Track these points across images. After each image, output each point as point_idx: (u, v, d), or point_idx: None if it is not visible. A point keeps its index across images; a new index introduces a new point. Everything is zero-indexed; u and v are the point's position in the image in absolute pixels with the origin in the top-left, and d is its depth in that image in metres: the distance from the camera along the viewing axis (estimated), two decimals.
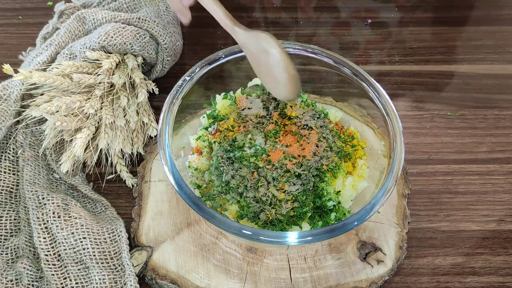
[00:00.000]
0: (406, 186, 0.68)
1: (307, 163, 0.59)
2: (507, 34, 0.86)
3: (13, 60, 0.80)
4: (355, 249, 0.63)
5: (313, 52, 0.66)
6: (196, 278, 0.60)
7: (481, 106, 0.78)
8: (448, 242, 0.66)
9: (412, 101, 0.79)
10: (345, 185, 0.60)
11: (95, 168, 0.70)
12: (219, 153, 0.60)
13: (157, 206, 0.66)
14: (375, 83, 0.63)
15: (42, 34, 0.80)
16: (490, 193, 0.70)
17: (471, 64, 0.83)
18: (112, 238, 0.62)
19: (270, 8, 0.89)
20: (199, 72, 0.64)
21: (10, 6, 0.89)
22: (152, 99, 0.75)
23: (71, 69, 0.68)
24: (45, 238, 0.61)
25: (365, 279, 0.61)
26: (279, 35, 0.85)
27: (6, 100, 0.69)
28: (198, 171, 0.63)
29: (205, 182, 0.62)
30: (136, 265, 0.61)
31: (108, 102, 0.68)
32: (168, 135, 0.59)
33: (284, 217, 0.57)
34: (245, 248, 0.63)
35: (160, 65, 0.76)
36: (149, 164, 0.69)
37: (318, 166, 0.59)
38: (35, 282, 0.60)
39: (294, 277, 0.61)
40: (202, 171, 0.63)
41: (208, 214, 0.54)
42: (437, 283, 0.63)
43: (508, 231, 0.67)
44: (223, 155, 0.60)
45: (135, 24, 0.74)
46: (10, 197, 0.66)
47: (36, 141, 0.70)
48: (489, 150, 0.74)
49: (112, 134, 0.67)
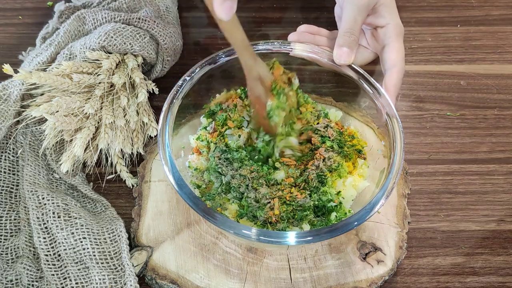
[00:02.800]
0: (406, 186, 0.68)
1: (308, 175, 0.59)
2: (507, 34, 0.86)
3: (13, 60, 0.80)
4: (355, 249, 0.63)
5: (313, 52, 0.66)
6: (196, 278, 0.60)
7: (481, 106, 0.78)
8: (448, 242, 0.66)
9: (412, 101, 0.79)
10: (346, 185, 0.60)
11: (95, 168, 0.70)
12: (216, 154, 0.60)
13: (157, 206, 0.66)
14: (375, 83, 0.63)
15: (42, 34, 0.80)
16: (490, 193, 0.70)
17: (471, 64, 0.83)
18: (112, 238, 0.62)
19: (270, 8, 0.89)
20: (199, 72, 0.64)
21: (10, 6, 0.89)
22: (152, 99, 0.75)
23: (71, 69, 0.68)
24: (45, 238, 0.61)
25: (365, 279, 0.61)
26: (279, 35, 0.86)
27: (6, 100, 0.69)
28: (198, 171, 0.63)
29: (204, 182, 0.62)
30: (136, 265, 0.61)
31: (108, 102, 0.68)
32: (168, 135, 0.59)
33: (283, 219, 0.57)
34: (245, 248, 0.63)
35: (160, 65, 0.76)
36: (149, 164, 0.69)
37: (320, 173, 0.59)
38: (35, 282, 0.60)
39: (294, 277, 0.61)
40: (202, 171, 0.63)
41: (208, 214, 0.54)
42: (437, 283, 0.63)
43: (508, 231, 0.67)
44: (220, 155, 0.60)
45: (135, 24, 0.74)
46: (10, 197, 0.66)
47: (36, 141, 0.70)
48: (489, 150, 0.74)
49: (112, 134, 0.67)
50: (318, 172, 0.60)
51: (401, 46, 0.65)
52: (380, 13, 0.66)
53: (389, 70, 0.64)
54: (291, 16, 0.89)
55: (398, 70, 0.63)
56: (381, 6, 0.66)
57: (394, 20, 0.66)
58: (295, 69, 0.68)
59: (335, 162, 0.60)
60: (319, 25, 0.71)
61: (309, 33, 0.70)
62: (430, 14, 0.89)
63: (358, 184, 0.61)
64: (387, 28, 0.66)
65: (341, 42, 0.63)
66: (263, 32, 0.86)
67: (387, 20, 0.66)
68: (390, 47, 0.65)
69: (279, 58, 0.67)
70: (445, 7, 0.90)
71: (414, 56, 0.84)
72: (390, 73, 0.63)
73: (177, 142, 0.64)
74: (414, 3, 0.90)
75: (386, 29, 0.66)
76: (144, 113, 0.70)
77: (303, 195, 0.58)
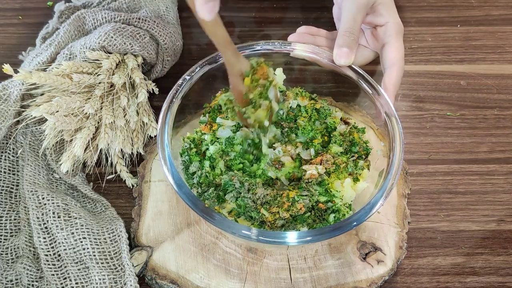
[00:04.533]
0: (406, 186, 0.68)
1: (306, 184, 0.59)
2: (507, 34, 0.86)
3: (13, 60, 0.80)
4: (355, 249, 0.63)
5: (313, 52, 0.66)
6: (196, 278, 0.61)
7: (481, 106, 0.78)
8: (448, 242, 0.66)
9: (412, 101, 0.79)
10: (344, 186, 0.60)
11: (95, 168, 0.70)
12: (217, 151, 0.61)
13: (157, 206, 0.66)
14: (375, 83, 0.63)
15: (42, 34, 0.80)
16: (490, 193, 0.70)
17: (471, 64, 0.83)
18: (112, 238, 0.62)
19: (270, 8, 0.89)
20: (199, 72, 0.64)
21: (10, 6, 0.89)
22: (152, 99, 0.75)
23: (71, 69, 0.68)
24: (45, 238, 0.61)
25: (365, 279, 0.61)
26: (279, 35, 0.86)
27: (6, 100, 0.69)
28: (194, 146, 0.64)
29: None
30: (136, 265, 0.61)
31: (108, 102, 0.68)
32: (168, 135, 0.59)
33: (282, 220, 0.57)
34: (245, 248, 0.63)
35: (160, 65, 0.76)
36: (149, 164, 0.69)
37: (320, 181, 0.59)
38: (35, 282, 0.60)
39: (294, 277, 0.61)
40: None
41: (207, 214, 0.54)
42: (437, 283, 0.63)
43: (508, 231, 0.67)
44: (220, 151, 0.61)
45: (135, 24, 0.74)
46: (10, 197, 0.66)
47: (36, 141, 0.70)
48: (489, 150, 0.74)
49: (112, 134, 0.67)
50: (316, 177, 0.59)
51: (401, 44, 0.65)
52: (379, 11, 0.66)
53: (388, 69, 0.64)
54: (292, 16, 0.89)
55: (397, 69, 0.63)
56: (380, 5, 0.66)
57: (393, 18, 0.66)
58: (296, 69, 0.69)
59: (332, 164, 0.60)
60: (320, 26, 0.71)
61: (309, 34, 0.70)
62: (430, 14, 0.89)
63: (357, 185, 0.61)
64: (386, 27, 0.66)
65: (340, 42, 0.63)
66: (263, 32, 0.87)
67: (386, 19, 0.66)
68: (389, 46, 0.65)
69: (280, 58, 0.67)
70: (445, 7, 0.90)
71: (414, 56, 0.84)
72: (390, 72, 0.63)
73: (177, 143, 0.64)
74: (414, 3, 0.90)
75: (386, 28, 0.66)
76: (144, 113, 0.70)
77: (300, 205, 0.57)
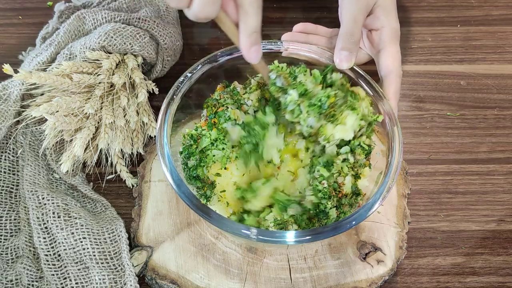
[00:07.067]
0: (406, 186, 0.68)
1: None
2: (507, 34, 0.86)
3: (13, 60, 0.80)
4: (355, 249, 0.63)
5: (314, 52, 0.66)
6: (196, 278, 0.61)
7: (481, 106, 0.78)
8: (448, 242, 0.66)
9: (412, 101, 0.79)
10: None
11: (95, 168, 0.70)
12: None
13: (157, 206, 0.66)
14: (374, 83, 0.63)
15: (42, 34, 0.80)
16: (490, 193, 0.70)
17: (471, 64, 0.83)
18: (112, 238, 0.62)
19: (270, 8, 0.89)
20: (199, 70, 0.64)
21: (10, 6, 0.89)
22: (152, 99, 0.75)
23: (71, 69, 0.68)
24: (45, 238, 0.61)
25: (365, 279, 0.61)
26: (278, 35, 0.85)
27: (6, 100, 0.69)
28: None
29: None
30: (136, 265, 0.61)
31: (108, 102, 0.68)
32: (167, 134, 0.58)
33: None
34: (245, 248, 0.63)
35: (160, 65, 0.76)
36: (149, 164, 0.69)
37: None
38: (35, 282, 0.60)
39: (294, 277, 0.61)
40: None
41: (206, 214, 0.54)
42: (437, 283, 0.63)
43: (508, 231, 0.67)
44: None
45: (135, 24, 0.74)
46: (10, 197, 0.66)
47: (36, 141, 0.70)
48: (489, 150, 0.74)
49: (112, 134, 0.67)
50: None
51: (397, 51, 0.64)
52: (375, 14, 0.65)
53: (386, 77, 0.63)
54: (292, 16, 0.89)
55: (395, 76, 0.62)
56: (378, 8, 0.65)
57: (389, 23, 0.64)
58: None
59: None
60: (320, 25, 0.71)
61: (305, 31, 0.69)
62: (430, 14, 0.89)
63: (358, 183, 0.61)
64: (381, 32, 0.64)
65: (340, 45, 0.61)
66: (263, 32, 0.86)
67: (382, 23, 0.64)
68: (385, 52, 0.63)
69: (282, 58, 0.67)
70: (445, 7, 0.90)
71: (414, 56, 0.84)
72: (388, 80, 0.62)
73: (177, 143, 0.64)
74: (414, 3, 0.90)
75: (381, 33, 0.64)
76: (144, 113, 0.71)
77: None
